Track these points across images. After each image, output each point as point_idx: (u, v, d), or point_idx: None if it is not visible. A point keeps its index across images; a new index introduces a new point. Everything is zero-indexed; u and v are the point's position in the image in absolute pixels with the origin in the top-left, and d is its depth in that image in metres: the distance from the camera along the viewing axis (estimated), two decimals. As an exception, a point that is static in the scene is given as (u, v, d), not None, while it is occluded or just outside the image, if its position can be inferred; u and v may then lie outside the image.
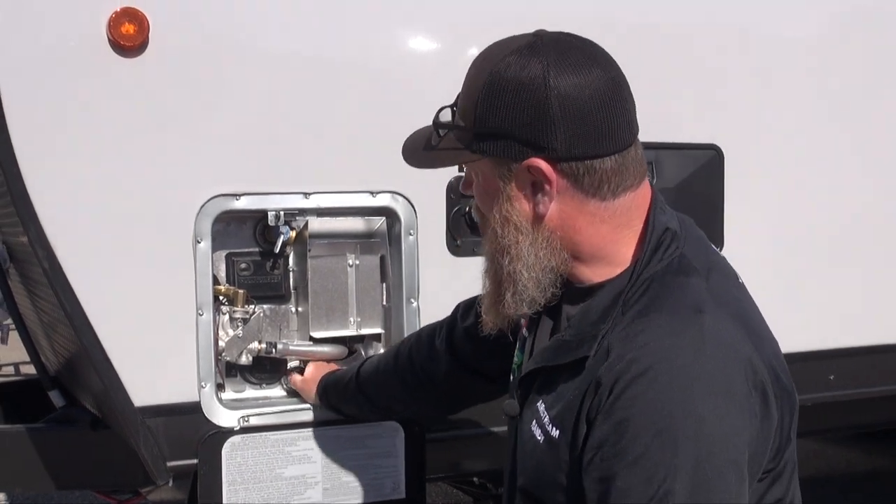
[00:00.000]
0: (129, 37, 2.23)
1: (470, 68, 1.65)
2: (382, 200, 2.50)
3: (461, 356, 2.15)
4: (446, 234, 2.57)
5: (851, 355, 3.00)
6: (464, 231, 2.58)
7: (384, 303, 2.58)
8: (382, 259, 2.55)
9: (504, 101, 1.55)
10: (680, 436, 1.42)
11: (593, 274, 1.63)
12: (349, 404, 2.37)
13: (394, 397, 2.29)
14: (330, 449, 2.47)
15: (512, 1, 2.60)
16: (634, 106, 1.61)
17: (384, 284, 2.57)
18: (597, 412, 1.50)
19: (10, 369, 7.39)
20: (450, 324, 2.19)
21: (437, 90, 2.50)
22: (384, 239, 2.55)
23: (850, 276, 3.01)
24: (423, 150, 1.71)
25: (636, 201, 1.62)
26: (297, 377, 2.50)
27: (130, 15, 2.22)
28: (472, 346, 2.11)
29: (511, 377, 1.83)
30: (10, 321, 3.13)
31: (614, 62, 1.60)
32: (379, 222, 2.55)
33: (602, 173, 1.57)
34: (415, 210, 2.52)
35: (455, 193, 2.55)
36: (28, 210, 2.22)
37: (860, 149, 3.03)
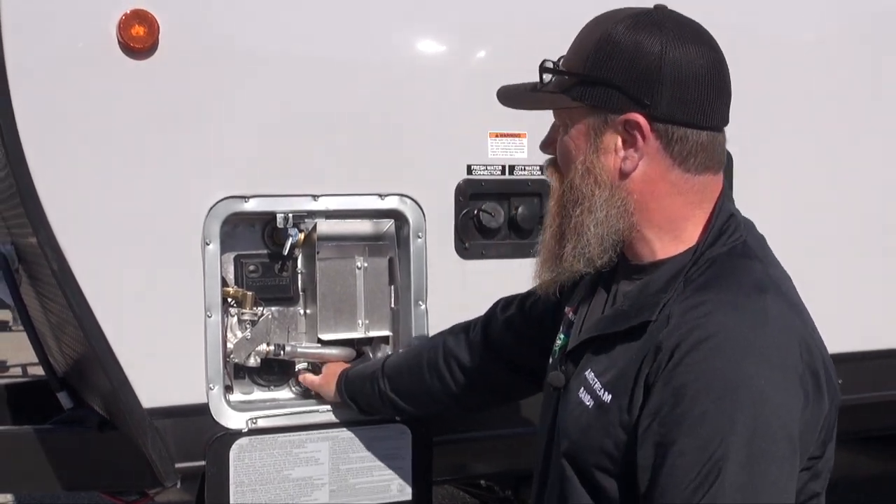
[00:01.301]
0: (139, 39, 2.23)
1: (581, 30, 1.70)
2: (391, 203, 2.50)
3: (497, 347, 2.20)
4: (455, 236, 2.57)
5: (860, 360, 2.99)
6: (472, 234, 2.58)
7: (392, 305, 2.58)
8: (391, 261, 2.56)
9: (616, 54, 1.60)
10: (739, 404, 1.45)
11: (656, 247, 1.67)
12: (371, 398, 2.37)
13: (419, 390, 2.31)
14: (337, 451, 2.48)
15: (522, 4, 2.60)
16: (731, 97, 1.66)
17: (392, 287, 2.57)
18: (655, 377, 1.53)
19: (18, 370, 7.41)
20: (486, 318, 2.24)
21: (446, 92, 2.53)
22: (392, 241, 2.55)
23: (859, 280, 3.00)
24: (527, 91, 1.75)
25: (711, 185, 1.67)
26: (310, 376, 2.50)
27: (140, 17, 2.23)
28: (511, 336, 2.17)
29: (550, 359, 1.85)
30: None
31: (722, 52, 1.66)
32: (387, 225, 2.55)
33: (693, 144, 1.62)
34: (423, 212, 2.52)
35: (464, 196, 2.55)
36: (37, 211, 2.22)
37: (870, 152, 3.01)
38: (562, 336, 1.84)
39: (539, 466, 1.82)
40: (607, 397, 1.61)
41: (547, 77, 1.71)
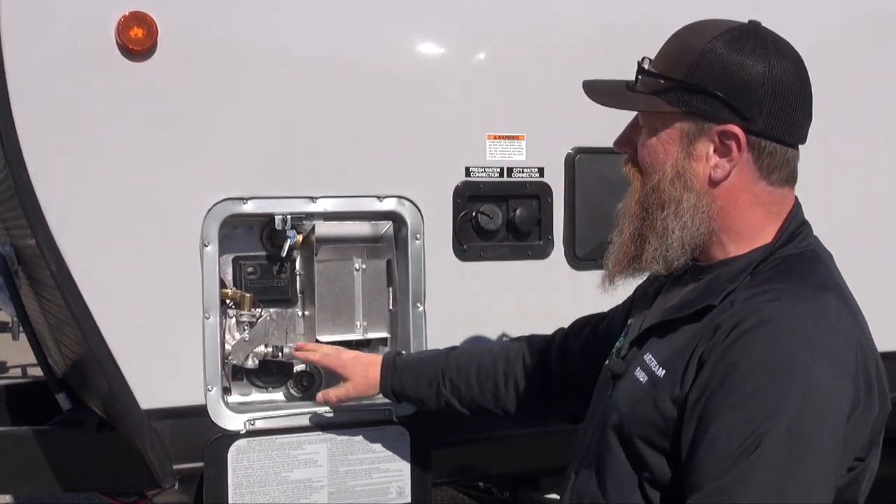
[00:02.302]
0: (137, 41, 2.23)
1: (675, 37, 1.73)
2: (389, 205, 2.50)
3: (572, 369, 2.21)
4: (453, 238, 2.57)
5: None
6: (470, 236, 2.58)
7: (390, 307, 2.58)
8: (389, 263, 2.56)
9: (720, 65, 1.63)
10: (791, 387, 1.48)
11: (729, 249, 1.71)
12: (426, 398, 2.35)
13: (488, 402, 2.31)
14: (336, 453, 2.47)
15: (521, 7, 2.60)
16: (812, 115, 1.71)
17: (390, 288, 2.57)
18: (710, 353, 1.56)
19: (17, 371, 7.40)
20: (563, 339, 2.26)
21: (444, 94, 2.53)
22: (391, 243, 2.55)
23: (866, 280, 2.97)
24: (622, 89, 1.76)
25: (788, 198, 1.72)
26: (333, 356, 2.43)
27: (139, 19, 2.23)
28: (583, 359, 2.18)
29: (608, 360, 1.88)
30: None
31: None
32: (386, 226, 2.55)
33: (781, 159, 1.67)
34: (421, 214, 2.52)
35: (462, 198, 2.55)
36: (36, 212, 2.22)
37: (875, 152, 3.01)
38: (622, 339, 1.88)
39: (582, 449, 1.85)
40: (661, 372, 1.65)
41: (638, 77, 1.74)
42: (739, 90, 1.63)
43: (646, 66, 1.73)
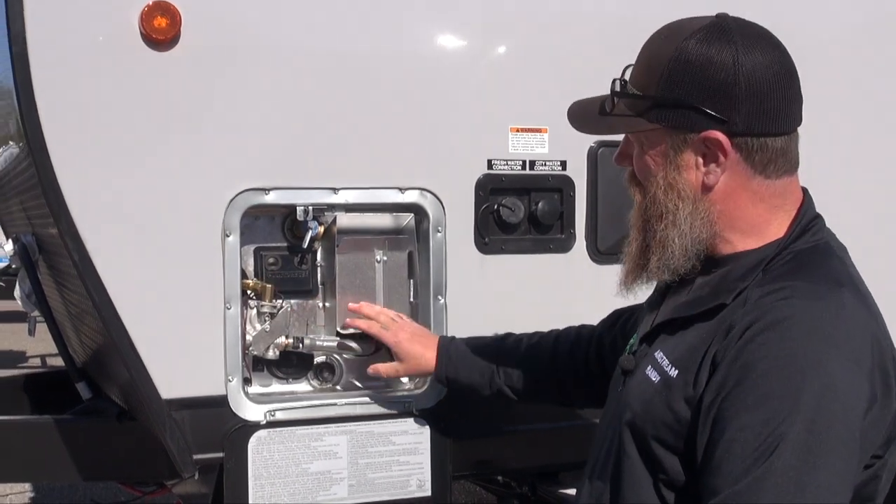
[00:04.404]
0: (161, 30, 2.23)
1: (648, 45, 1.70)
2: (411, 197, 2.49)
3: (603, 362, 2.21)
4: (474, 231, 2.56)
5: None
6: (492, 228, 2.57)
7: (411, 299, 2.57)
8: (410, 255, 2.55)
9: (691, 74, 1.61)
10: (806, 387, 1.46)
11: (738, 245, 1.69)
12: (479, 386, 2.36)
13: (534, 391, 2.33)
14: (356, 445, 2.47)
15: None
16: (802, 97, 1.68)
17: (412, 281, 2.57)
18: (724, 354, 1.55)
19: (37, 361, 7.45)
20: (599, 336, 2.26)
21: (466, 86, 2.52)
22: (412, 235, 2.55)
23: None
24: (597, 114, 1.73)
25: (791, 187, 1.69)
26: (401, 336, 2.41)
27: (163, 8, 2.23)
28: (611, 353, 2.16)
29: (621, 356, 1.88)
30: (36, 313, 3.14)
31: (787, 51, 1.67)
32: (407, 219, 2.54)
33: (772, 152, 1.64)
34: (443, 207, 2.51)
35: (484, 190, 2.54)
36: (59, 202, 2.22)
37: (875, 150, 2.98)
38: (635, 336, 1.87)
39: (598, 448, 1.84)
40: (674, 372, 1.64)
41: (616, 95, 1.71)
42: (713, 94, 1.60)
43: (617, 86, 1.70)
